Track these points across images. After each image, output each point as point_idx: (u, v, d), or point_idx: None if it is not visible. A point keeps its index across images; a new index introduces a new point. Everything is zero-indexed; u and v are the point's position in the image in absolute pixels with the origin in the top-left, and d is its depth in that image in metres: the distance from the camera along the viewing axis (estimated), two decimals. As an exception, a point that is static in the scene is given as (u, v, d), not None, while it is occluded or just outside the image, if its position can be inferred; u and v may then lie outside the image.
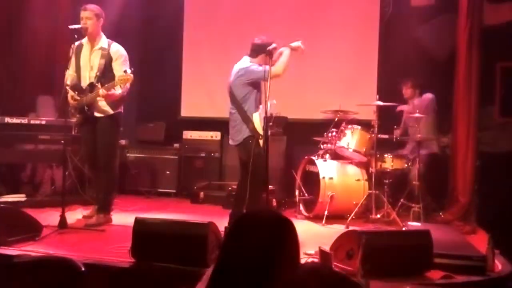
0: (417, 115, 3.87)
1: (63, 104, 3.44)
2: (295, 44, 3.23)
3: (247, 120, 3.21)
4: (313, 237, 3.25)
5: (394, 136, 4.02)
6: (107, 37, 3.47)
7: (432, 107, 4.13)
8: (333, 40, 4.90)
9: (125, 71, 3.19)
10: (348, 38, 4.89)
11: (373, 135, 3.89)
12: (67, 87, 3.38)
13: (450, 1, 4.29)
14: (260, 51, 3.20)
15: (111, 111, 3.39)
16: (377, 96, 3.96)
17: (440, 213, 3.80)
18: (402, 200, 3.81)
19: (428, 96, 4.16)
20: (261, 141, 3.18)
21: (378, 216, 3.75)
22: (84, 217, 3.56)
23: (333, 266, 2.13)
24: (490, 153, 4.09)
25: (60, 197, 3.28)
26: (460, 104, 3.84)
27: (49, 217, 3.31)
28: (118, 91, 3.28)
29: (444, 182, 3.97)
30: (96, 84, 3.31)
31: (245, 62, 3.27)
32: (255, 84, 3.24)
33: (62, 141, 3.33)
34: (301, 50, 3.25)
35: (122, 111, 3.50)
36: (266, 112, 2.96)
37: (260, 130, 3.18)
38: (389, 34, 4.77)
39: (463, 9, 3.81)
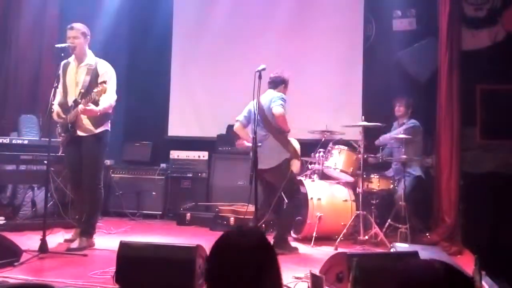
0: (401, 135, 3.95)
1: (48, 123, 3.36)
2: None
3: (286, 143, 3.43)
4: (303, 259, 3.21)
5: (380, 156, 4.08)
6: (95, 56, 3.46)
7: (414, 133, 4.09)
8: (319, 64, 5.02)
9: (103, 82, 3.14)
10: (334, 61, 5.02)
11: (359, 155, 3.94)
12: (53, 105, 3.32)
13: (430, 26, 4.48)
14: (279, 82, 3.54)
15: (95, 130, 3.32)
16: (363, 117, 4.04)
17: (427, 234, 3.83)
18: (389, 221, 3.83)
19: (412, 123, 4.17)
20: (297, 163, 3.49)
21: (366, 237, 3.76)
22: (65, 240, 3.44)
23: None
24: (472, 174, 4.17)
25: (41, 220, 3.17)
26: (442, 125, 3.94)
27: (29, 241, 3.19)
28: (99, 107, 3.21)
29: (429, 203, 4.02)
30: (80, 100, 3.24)
31: (272, 93, 3.51)
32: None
33: (45, 161, 3.24)
34: None
35: (109, 128, 3.42)
36: (255, 132, 2.98)
37: (299, 152, 3.51)
38: (373, 57, 4.93)
39: (443, 34, 3.97)
